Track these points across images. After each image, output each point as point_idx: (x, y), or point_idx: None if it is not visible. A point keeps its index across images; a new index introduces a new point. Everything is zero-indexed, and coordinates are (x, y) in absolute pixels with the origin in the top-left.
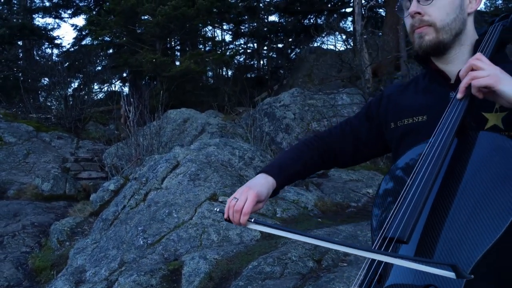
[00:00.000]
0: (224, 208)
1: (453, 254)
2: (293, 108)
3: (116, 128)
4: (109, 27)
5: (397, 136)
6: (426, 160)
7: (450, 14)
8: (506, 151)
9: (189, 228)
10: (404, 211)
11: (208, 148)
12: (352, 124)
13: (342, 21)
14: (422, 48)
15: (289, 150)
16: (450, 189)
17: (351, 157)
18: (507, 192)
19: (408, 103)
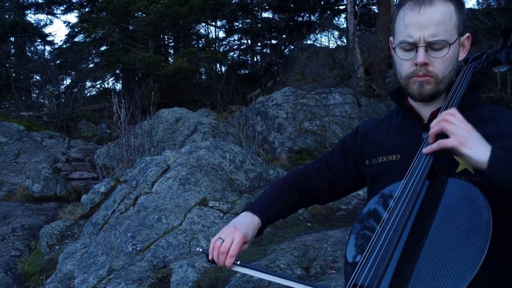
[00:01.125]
0: (207, 248)
1: None
2: (285, 107)
3: (108, 127)
4: (102, 25)
5: (371, 173)
6: (396, 207)
7: (449, 66)
8: (473, 201)
9: (179, 234)
10: (373, 259)
11: (199, 151)
12: (327, 160)
13: (336, 18)
14: (422, 96)
15: (270, 189)
16: (420, 237)
17: (328, 192)
18: (472, 246)
19: (382, 141)
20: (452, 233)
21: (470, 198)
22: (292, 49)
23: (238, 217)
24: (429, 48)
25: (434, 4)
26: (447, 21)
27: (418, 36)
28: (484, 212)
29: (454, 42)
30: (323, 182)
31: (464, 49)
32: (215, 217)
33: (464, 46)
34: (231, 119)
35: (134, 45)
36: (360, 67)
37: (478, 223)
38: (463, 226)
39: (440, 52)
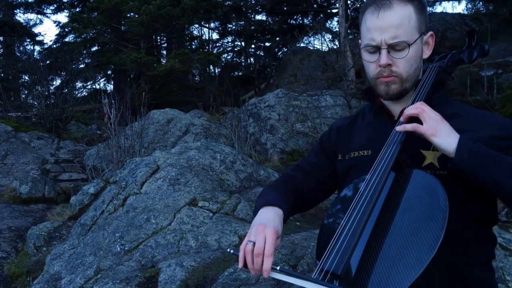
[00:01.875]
0: (237, 250)
1: (387, 280)
2: (277, 109)
3: (99, 128)
4: (93, 25)
5: (343, 168)
6: (361, 197)
7: (413, 65)
8: (433, 191)
9: (167, 234)
10: (339, 246)
11: (189, 152)
12: (310, 161)
13: (328, 21)
14: (389, 96)
15: (270, 188)
16: (384, 225)
17: (317, 192)
18: (429, 232)
19: (355, 137)
20: (413, 221)
21: (430, 188)
22: (285, 51)
23: (259, 214)
24: (391, 50)
25: (392, 7)
26: (406, 23)
27: (380, 39)
28: (441, 200)
29: (414, 42)
30: (312, 183)
31: (429, 47)
32: (204, 217)
33: (429, 44)
34: (224, 120)
35: (126, 46)
36: (351, 70)
37: (435, 211)
38: (423, 214)
39: (402, 53)
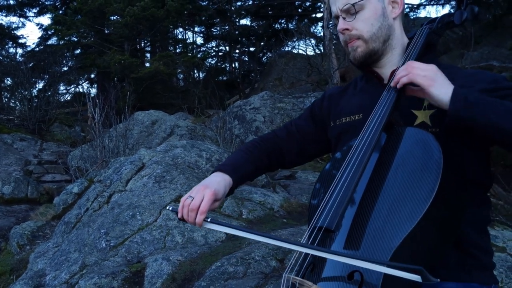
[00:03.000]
0: (177, 206)
1: (376, 242)
2: (263, 111)
3: (82, 130)
4: (76, 27)
5: (336, 134)
6: (354, 154)
7: (374, 24)
8: (426, 144)
9: (153, 230)
10: (332, 202)
11: (175, 150)
12: (297, 124)
13: (313, 26)
14: (357, 59)
15: (240, 151)
16: (378, 182)
17: (297, 155)
18: (424, 183)
19: (347, 103)
20: (407, 174)
21: (423, 142)
22: (270, 56)
23: (209, 176)
24: (346, 15)
25: None
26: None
27: (335, 9)
28: (435, 152)
29: (362, 1)
30: (293, 145)
31: (398, 5)
32: None
33: (397, 2)
34: (209, 122)
35: (110, 48)
36: (336, 72)
37: (429, 162)
38: (416, 167)
39: (355, 15)
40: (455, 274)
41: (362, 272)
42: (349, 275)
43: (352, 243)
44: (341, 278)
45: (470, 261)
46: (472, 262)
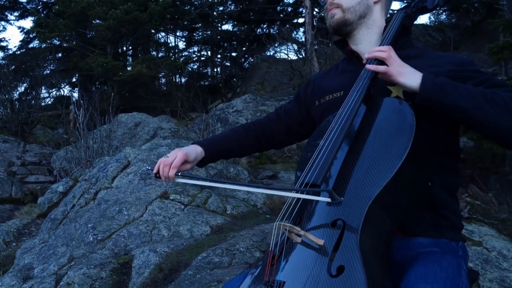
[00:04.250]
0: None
1: (358, 192)
2: (245, 114)
3: (65, 132)
4: (59, 30)
5: (320, 111)
6: (337, 122)
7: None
8: (401, 111)
9: (140, 224)
10: (318, 162)
11: (160, 149)
12: (285, 108)
13: (294, 31)
14: (332, 26)
15: (226, 131)
16: (359, 143)
17: (285, 136)
18: (399, 142)
19: (329, 83)
20: (384, 136)
21: (398, 110)
22: (252, 61)
23: (187, 146)
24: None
25: None
26: None
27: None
28: (408, 116)
29: None
30: (282, 126)
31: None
32: (176, 209)
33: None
34: (192, 125)
35: (92, 51)
36: None
37: (404, 125)
38: (393, 129)
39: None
40: (427, 232)
41: (344, 219)
42: (333, 222)
43: (337, 191)
44: (326, 225)
45: (443, 221)
46: (444, 223)
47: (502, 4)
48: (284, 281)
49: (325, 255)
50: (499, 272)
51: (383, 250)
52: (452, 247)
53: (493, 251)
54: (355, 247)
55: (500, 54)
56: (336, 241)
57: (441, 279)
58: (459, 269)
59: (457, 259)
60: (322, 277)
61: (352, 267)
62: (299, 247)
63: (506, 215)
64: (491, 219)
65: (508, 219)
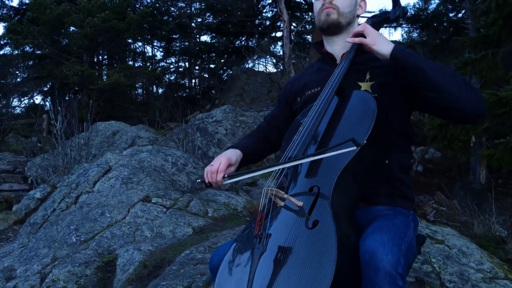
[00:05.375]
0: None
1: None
2: (225, 124)
3: (39, 141)
4: (33, 36)
5: (300, 106)
6: (314, 109)
7: (349, 6)
8: (366, 100)
9: (123, 226)
10: (298, 141)
11: (141, 154)
12: (272, 114)
13: (273, 45)
14: (326, 23)
15: (244, 138)
16: (333, 126)
17: (279, 137)
18: (364, 123)
19: (307, 81)
20: (353, 120)
21: (364, 99)
22: (230, 73)
23: (224, 152)
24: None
25: None
26: None
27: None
28: (372, 105)
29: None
30: (274, 130)
31: (362, 9)
32: (158, 212)
33: (361, 6)
34: (170, 135)
35: (68, 59)
36: None
37: (368, 111)
38: (360, 114)
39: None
40: (385, 201)
41: (319, 186)
42: (310, 188)
43: (313, 166)
44: (304, 190)
45: (397, 192)
46: (398, 193)
47: (468, 23)
48: (271, 234)
49: (304, 213)
50: (458, 267)
51: (349, 210)
52: (404, 212)
53: (454, 248)
54: (327, 206)
55: (464, 70)
56: (312, 202)
57: (392, 230)
58: (408, 226)
59: (407, 219)
60: (301, 229)
61: (324, 221)
62: (283, 208)
63: (467, 218)
64: (454, 222)
65: (468, 222)
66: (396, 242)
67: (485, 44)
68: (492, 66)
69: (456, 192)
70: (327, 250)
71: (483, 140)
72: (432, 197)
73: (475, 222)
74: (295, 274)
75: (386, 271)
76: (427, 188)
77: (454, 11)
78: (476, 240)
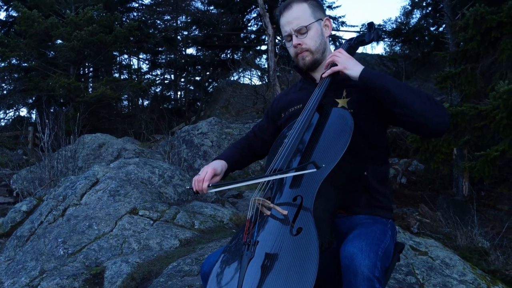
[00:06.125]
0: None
1: (312, 175)
2: (210, 136)
3: (24, 153)
4: (19, 49)
5: (284, 121)
6: (297, 125)
7: (317, 40)
8: (344, 117)
9: (110, 238)
10: (283, 154)
11: (128, 167)
12: (259, 125)
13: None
14: (306, 65)
15: (230, 147)
16: (314, 140)
17: (264, 148)
18: (342, 138)
19: (291, 98)
20: (331, 135)
21: (342, 116)
22: (215, 86)
23: (211, 162)
24: (298, 34)
25: (292, 7)
26: (303, 15)
27: (289, 29)
28: (349, 121)
29: (311, 24)
30: (259, 141)
31: (328, 28)
32: (145, 224)
33: (328, 26)
34: (156, 147)
35: (54, 71)
36: None
37: (345, 127)
38: (338, 129)
39: (305, 34)
40: (364, 210)
41: (302, 196)
42: (294, 198)
43: (297, 177)
44: (289, 200)
45: (375, 202)
46: (376, 203)
47: (448, 38)
48: (258, 241)
49: (288, 222)
50: (442, 278)
51: (331, 217)
52: (382, 221)
53: (437, 259)
54: (309, 215)
55: (444, 83)
56: (296, 211)
57: (370, 237)
58: (385, 233)
59: (384, 227)
60: (286, 236)
61: (307, 228)
62: (269, 217)
63: (450, 229)
64: (437, 234)
65: (451, 233)
66: (373, 248)
67: (464, 58)
68: (471, 80)
69: (440, 204)
70: (310, 254)
71: (465, 153)
72: (416, 209)
73: (458, 234)
74: (281, 278)
75: (364, 274)
76: (411, 200)
77: (435, 25)
78: (459, 252)
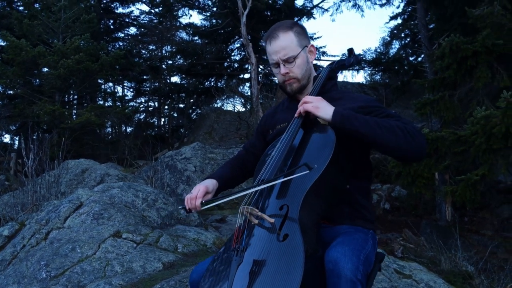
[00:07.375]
0: (184, 206)
1: (298, 186)
2: (194, 161)
3: (7, 179)
4: (6, 76)
5: (272, 137)
6: (283, 140)
7: (303, 68)
8: (327, 132)
9: (93, 261)
10: (270, 165)
11: (112, 190)
12: (250, 142)
13: (241, 86)
14: (293, 92)
15: (222, 166)
16: (300, 153)
17: (255, 163)
18: (325, 151)
19: (278, 117)
20: (316, 147)
21: (325, 131)
22: (199, 112)
23: (203, 181)
24: (285, 63)
25: (278, 36)
26: (290, 44)
27: (277, 58)
28: (331, 136)
29: (298, 54)
30: (250, 157)
31: (313, 54)
32: (128, 247)
33: (312, 52)
34: (139, 172)
35: (40, 98)
36: None
37: (328, 141)
38: (321, 143)
39: (293, 63)
40: (347, 221)
41: (288, 205)
42: (280, 207)
43: (283, 187)
44: (276, 209)
45: (357, 214)
46: (358, 215)
47: (426, 67)
48: (247, 247)
49: (275, 229)
50: None
51: (315, 225)
52: (363, 231)
53: (421, 283)
54: (295, 222)
55: (423, 109)
56: (282, 219)
57: (352, 243)
58: (366, 241)
59: (366, 236)
60: (273, 242)
61: (293, 234)
62: (257, 225)
63: (434, 253)
64: (421, 258)
65: (435, 258)
66: (355, 253)
67: (442, 85)
68: (450, 106)
69: (423, 229)
70: (295, 259)
71: (446, 178)
72: (399, 235)
73: (442, 258)
74: (268, 282)
75: (347, 277)
76: (394, 226)
77: (413, 55)
78: (444, 276)
